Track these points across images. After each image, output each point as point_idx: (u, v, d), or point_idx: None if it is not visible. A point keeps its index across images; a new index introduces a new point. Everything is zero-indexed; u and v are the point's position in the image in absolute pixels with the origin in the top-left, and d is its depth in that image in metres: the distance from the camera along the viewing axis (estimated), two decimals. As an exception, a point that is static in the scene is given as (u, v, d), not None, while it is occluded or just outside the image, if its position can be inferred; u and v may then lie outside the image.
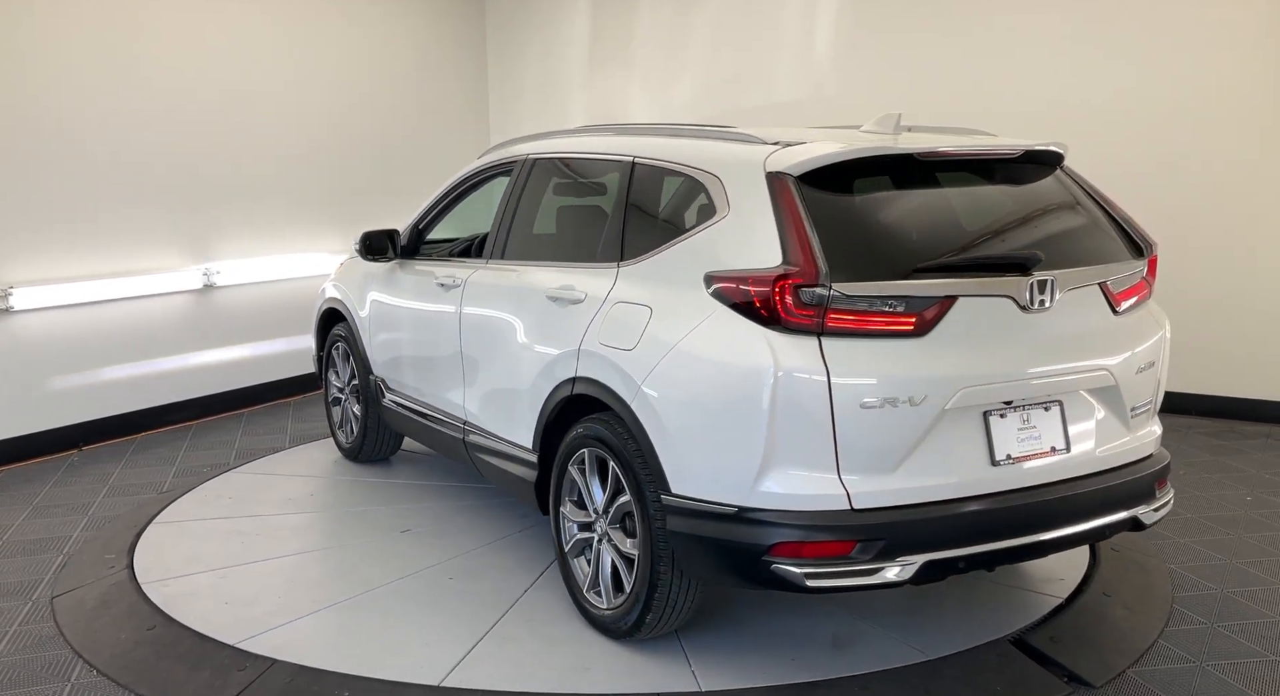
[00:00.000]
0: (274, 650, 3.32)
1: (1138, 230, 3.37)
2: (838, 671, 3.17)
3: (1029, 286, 2.96)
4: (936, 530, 2.86)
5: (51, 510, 4.81)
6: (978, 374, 2.90)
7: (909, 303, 2.84)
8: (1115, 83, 6.38)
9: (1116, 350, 3.16)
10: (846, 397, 2.76)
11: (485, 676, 3.18)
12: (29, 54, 5.47)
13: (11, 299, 5.41)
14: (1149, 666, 3.23)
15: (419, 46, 8.19)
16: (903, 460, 2.84)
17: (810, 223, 2.87)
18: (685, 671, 3.20)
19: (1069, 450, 3.07)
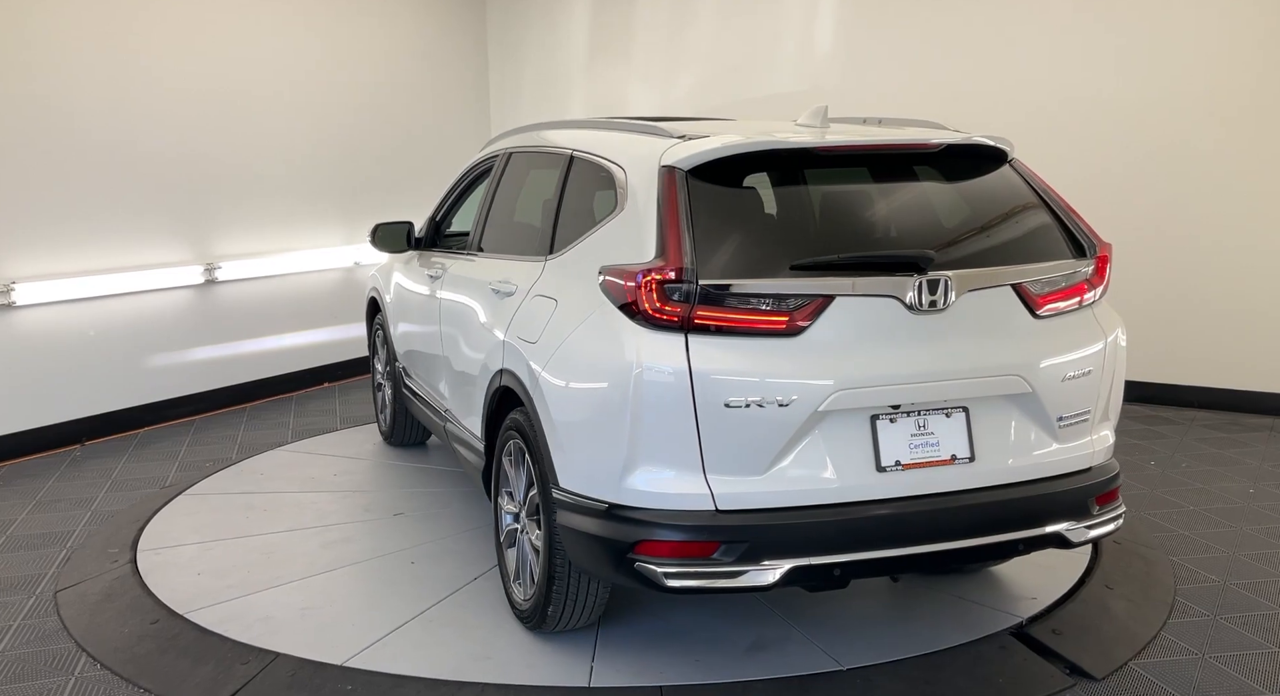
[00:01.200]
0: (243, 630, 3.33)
1: (1083, 230, 3.16)
2: (744, 674, 3.11)
3: (916, 287, 2.79)
4: (807, 535, 2.75)
5: (55, 505, 4.82)
6: (856, 377, 2.76)
7: (780, 301, 2.75)
8: (1123, 73, 6.36)
9: (1033, 355, 2.94)
10: (710, 397, 2.70)
11: (387, 658, 3.24)
12: (33, 48, 5.46)
13: (14, 294, 5.42)
14: (1151, 658, 3.23)
15: (421, 40, 8.18)
16: (774, 462, 2.75)
17: (687, 217, 2.82)
18: (584, 667, 3.19)
19: (973, 459, 2.88)
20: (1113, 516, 3.11)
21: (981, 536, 2.90)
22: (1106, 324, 3.16)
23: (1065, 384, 2.98)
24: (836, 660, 3.19)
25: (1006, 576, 3.83)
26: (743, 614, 3.51)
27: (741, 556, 2.72)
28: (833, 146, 3.07)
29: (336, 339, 7.50)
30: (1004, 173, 3.23)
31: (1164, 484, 5.00)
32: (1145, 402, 6.57)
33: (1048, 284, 3.02)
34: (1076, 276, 3.09)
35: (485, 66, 8.88)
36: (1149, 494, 4.85)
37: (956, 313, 2.86)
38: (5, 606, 3.70)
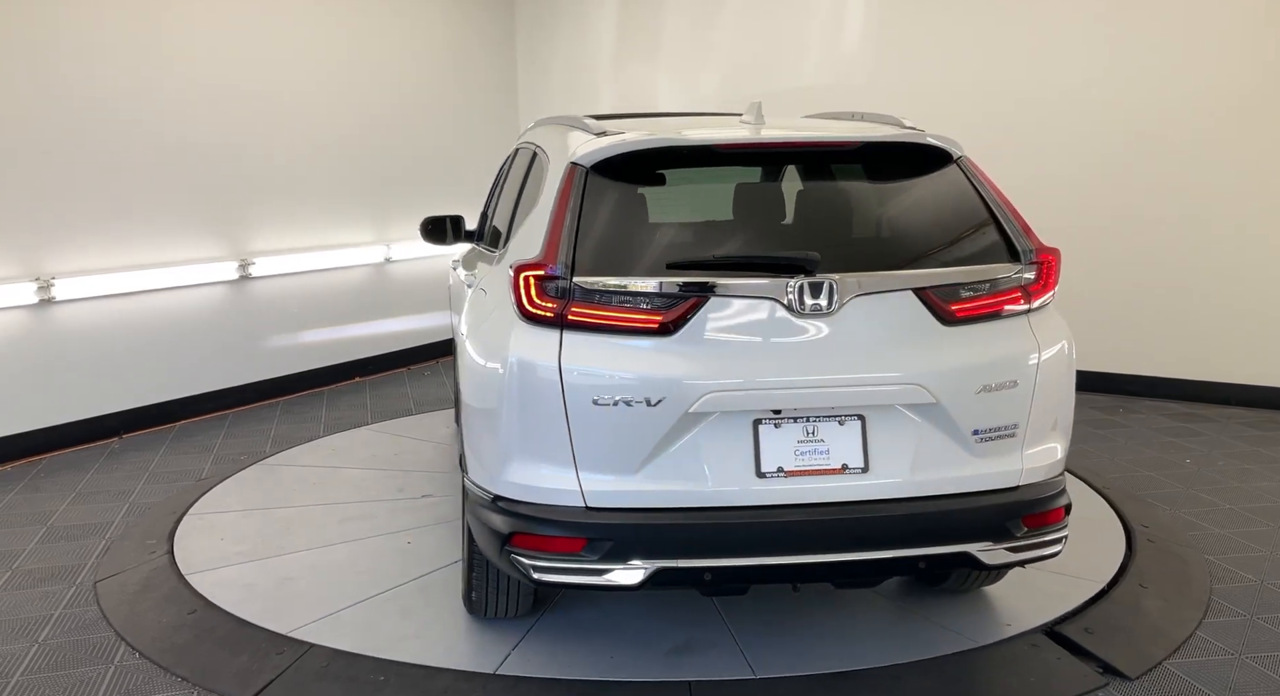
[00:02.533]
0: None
1: (1021, 235, 2.96)
2: (651, 675, 3.10)
3: (795, 289, 2.71)
4: (676, 537, 2.71)
5: (94, 497, 4.91)
6: (729, 379, 2.69)
7: (654, 300, 2.72)
8: (1153, 69, 6.27)
9: (937, 364, 2.76)
10: (579, 394, 2.70)
11: (324, 631, 3.40)
12: (69, 47, 5.55)
13: (54, 289, 5.52)
14: (1186, 658, 3.20)
15: (450, 37, 8.22)
16: (646, 462, 2.72)
17: (575, 214, 2.83)
18: (501, 654, 3.24)
19: (867, 469, 2.75)
20: (1045, 540, 2.86)
21: (873, 550, 2.75)
22: (1045, 334, 2.90)
23: (981, 396, 2.78)
24: (752, 667, 3.13)
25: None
26: (690, 614, 3.49)
27: (608, 555, 2.70)
28: (732, 144, 3.01)
29: (367, 334, 7.57)
30: (947, 173, 3.05)
31: (1200, 482, 4.94)
32: (1181, 400, 6.49)
33: (969, 289, 2.83)
34: (1005, 282, 2.87)
35: (514, 63, 8.91)
36: (1184, 492, 4.79)
37: (847, 317, 2.74)
38: (47, 596, 3.78)
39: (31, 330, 5.50)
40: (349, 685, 3.08)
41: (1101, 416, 6.21)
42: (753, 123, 3.24)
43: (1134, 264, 6.53)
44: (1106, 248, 6.60)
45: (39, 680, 3.15)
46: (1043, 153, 6.71)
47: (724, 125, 3.34)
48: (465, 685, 3.09)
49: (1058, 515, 2.90)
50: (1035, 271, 2.92)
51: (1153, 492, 4.78)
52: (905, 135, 3.08)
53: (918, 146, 3.05)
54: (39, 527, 4.49)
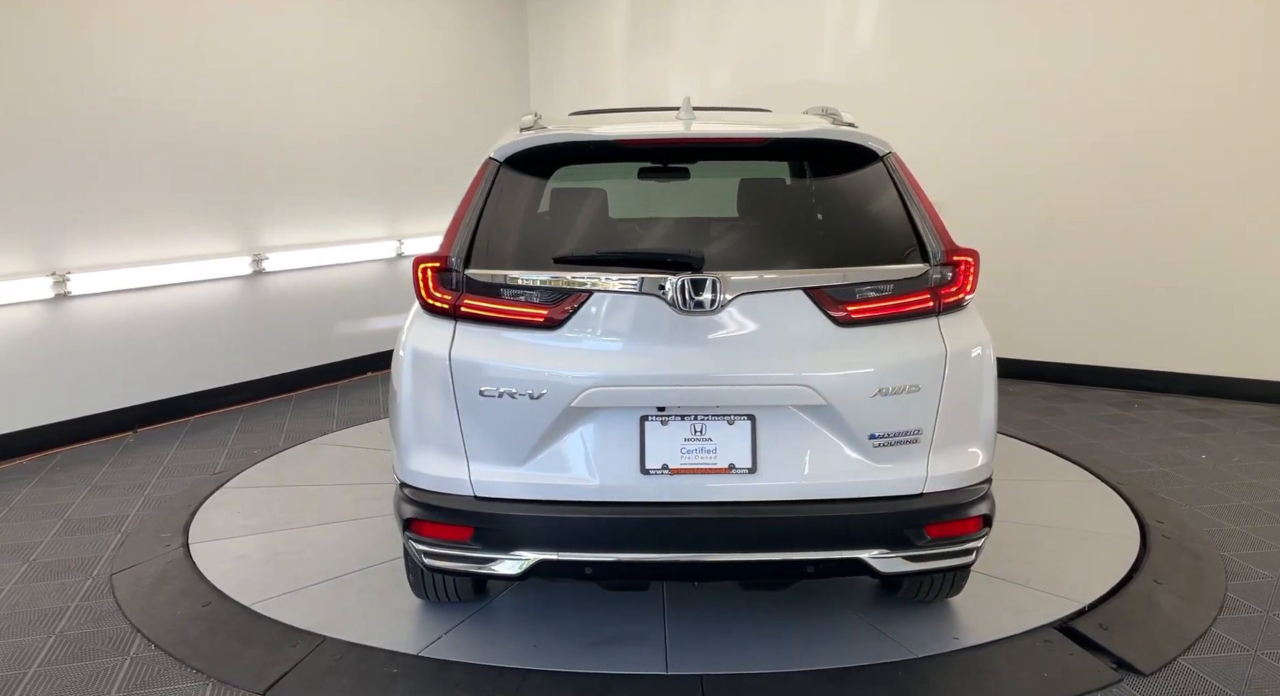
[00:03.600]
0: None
1: (934, 236, 2.87)
2: (562, 665, 3.14)
3: (678, 286, 2.69)
4: (558, 530, 2.74)
5: (110, 490, 4.94)
6: (611, 375, 2.70)
7: (541, 294, 2.76)
8: (1165, 64, 6.22)
9: (827, 366, 2.71)
10: (467, 384, 2.75)
11: (285, 606, 3.56)
12: (86, 45, 5.58)
13: (70, 284, 5.55)
14: (1202, 654, 3.18)
15: (462, 32, 8.23)
16: (532, 454, 2.76)
17: (478, 207, 2.90)
18: (431, 636, 3.33)
19: (755, 470, 2.73)
20: (951, 551, 2.78)
21: (758, 552, 2.73)
22: (956, 337, 2.80)
23: (878, 400, 2.72)
24: (667, 663, 3.13)
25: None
26: (633, 609, 3.49)
27: (493, 544, 2.76)
28: (635, 139, 3.00)
29: (379, 329, 7.60)
30: (870, 172, 2.97)
31: (1215, 478, 4.90)
32: (1197, 395, 6.44)
33: (869, 289, 2.76)
34: (909, 284, 2.79)
35: (526, 58, 8.91)
36: (1200, 488, 4.76)
37: (733, 315, 2.71)
38: (64, 588, 3.81)
39: (48, 325, 5.54)
40: (361, 678, 3.09)
41: (1117, 412, 6.17)
42: (681, 117, 3.22)
43: (1150, 259, 6.48)
44: (1122, 242, 6.56)
45: (56, 671, 3.17)
46: (1055, 147, 6.67)
47: (650, 120, 3.31)
48: (387, 663, 3.16)
49: (970, 525, 2.79)
50: (946, 273, 2.83)
51: (1168, 488, 4.75)
52: (818, 132, 2.98)
53: (836, 144, 2.97)
54: (56, 520, 4.53)
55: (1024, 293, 6.96)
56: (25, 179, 5.39)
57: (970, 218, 7.07)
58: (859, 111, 7.20)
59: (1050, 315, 6.91)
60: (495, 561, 2.77)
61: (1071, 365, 6.89)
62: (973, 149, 6.98)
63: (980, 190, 7.01)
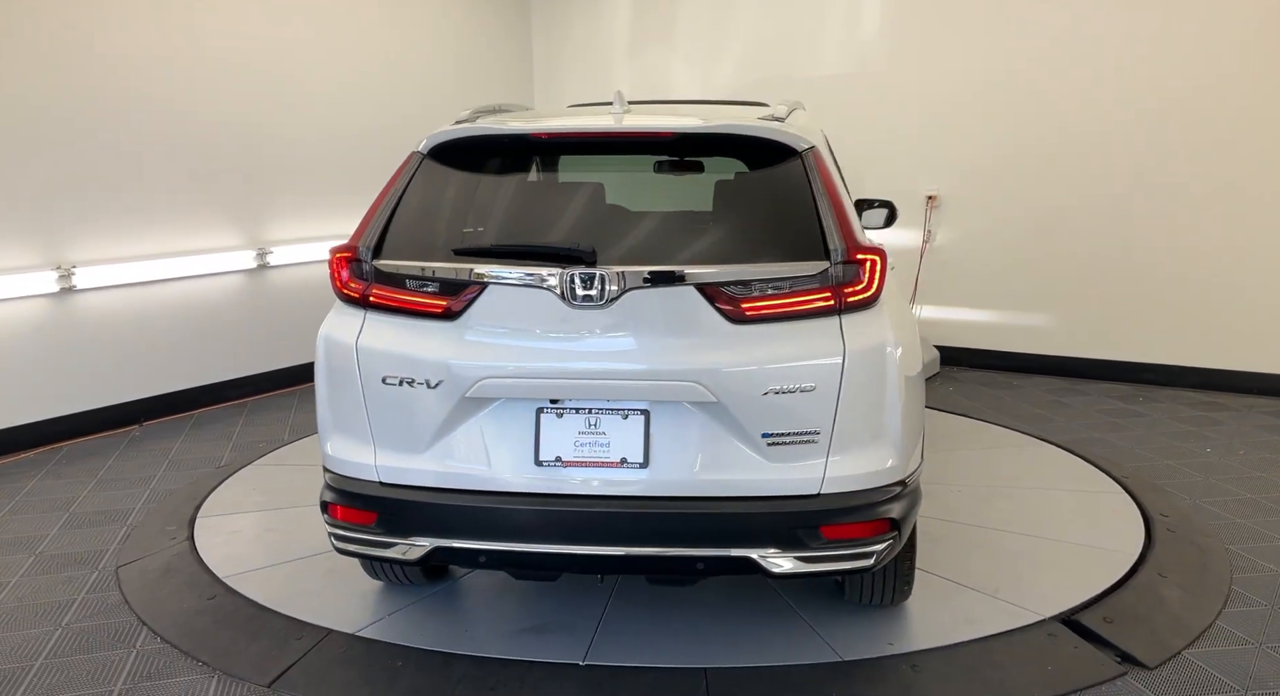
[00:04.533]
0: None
1: (837, 234, 2.76)
2: (483, 651, 3.20)
3: (567, 280, 2.69)
4: (453, 518, 2.78)
5: (115, 483, 4.96)
6: (503, 366, 2.73)
7: (440, 285, 2.80)
8: (1181, 55, 6.20)
9: (718, 363, 2.67)
10: (371, 372, 2.82)
11: (247, 581, 3.72)
12: (91, 39, 5.58)
13: (75, 278, 5.56)
14: (1206, 647, 3.18)
15: (466, 26, 8.21)
16: (432, 442, 2.80)
17: (395, 198, 2.97)
18: (372, 617, 3.44)
19: (646, 465, 2.72)
20: (847, 554, 2.71)
21: (648, 547, 2.72)
22: (858, 337, 2.72)
23: (770, 398, 2.67)
24: (587, 653, 3.16)
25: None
26: (575, 600, 3.52)
27: (393, 529, 2.83)
28: (546, 133, 3.02)
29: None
30: (785, 168, 2.89)
31: (1220, 471, 4.90)
32: (1201, 389, 6.43)
33: (765, 286, 2.71)
34: (807, 282, 2.71)
35: (529, 52, 8.89)
36: (1205, 481, 4.75)
37: (625, 310, 2.70)
38: (70, 580, 3.82)
39: (53, 318, 5.55)
40: (367, 670, 3.10)
41: (1121, 405, 6.17)
42: (617, 110, 3.23)
43: (1154, 251, 6.47)
44: (1125, 235, 6.54)
45: (63, 663, 3.19)
46: (1061, 139, 6.64)
47: (580, 115, 3.32)
48: (323, 640, 3.27)
49: (871, 529, 2.73)
50: (849, 272, 2.73)
51: (1173, 482, 4.74)
52: (726, 126, 2.94)
53: (747, 139, 2.93)
54: (61, 513, 4.54)
55: (1026, 285, 6.95)
56: (31, 173, 5.39)
57: (973, 209, 7.07)
58: (864, 102, 7.21)
59: (1053, 308, 6.90)
60: (394, 546, 2.83)
61: (1075, 358, 6.88)
62: (977, 140, 6.96)
63: (984, 181, 6.99)
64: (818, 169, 2.89)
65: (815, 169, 2.88)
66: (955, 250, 7.17)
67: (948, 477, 4.79)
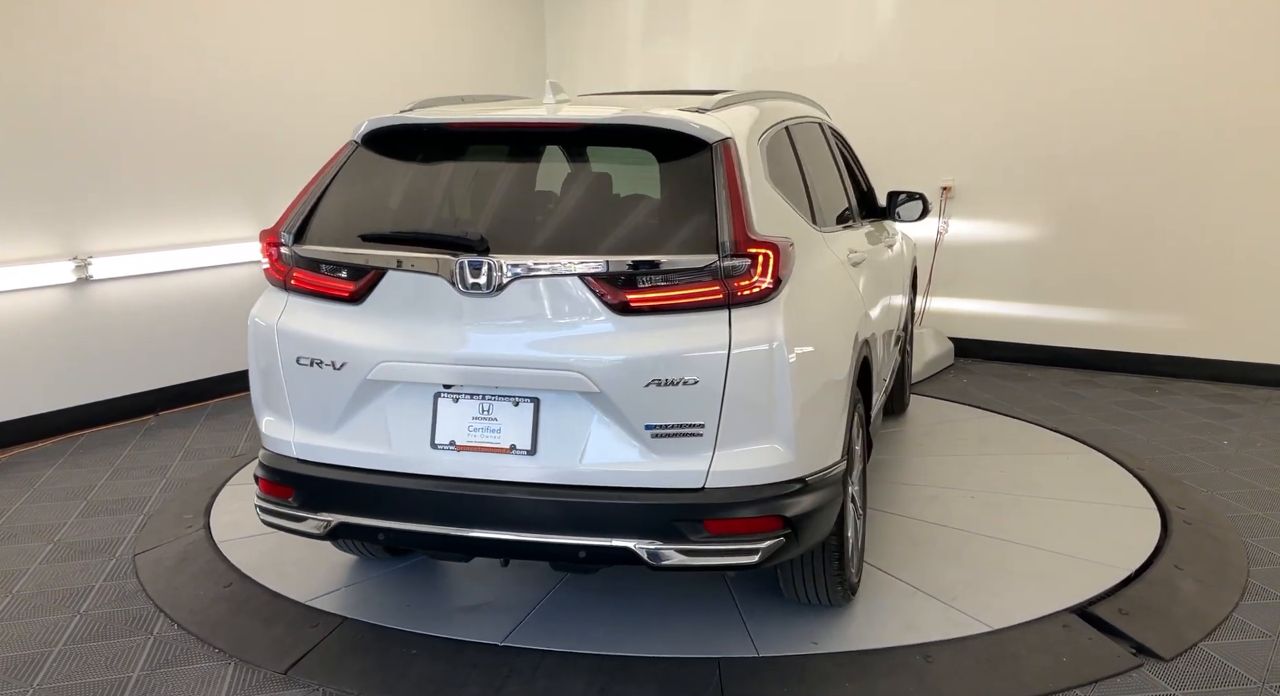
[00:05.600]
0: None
1: (729, 228, 2.69)
2: (420, 627, 3.30)
3: (457, 268, 2.72)
4: (356, 495, 2.89)
5: (132, 472, 4.99)
6: (400, 350, 2.80)
7: (348, 270, 2.89)
8: (1200, 43, 6.14)
9: (600, 353, 2.68)
10: (288, 353, 2.95)
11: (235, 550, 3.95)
12: (109, 34, 5.60)
13: (91, 268, 5.60)
14: (1223, 640, 3.16)
15: (479, 19, 8.20)
16: (340, 421, 2.92)
17: (323, 185, 3.09)
18: (327, 590, 3.57)
19: (533, 452, 2.76)
20: (731, 549, 2.68)
21: (531, 533, 2.75)
22: (747, 331, 2.67)
23: (653, 390, 2.65)
24: (509, 634, 3.25)
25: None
26: (530, 581, 3.60)
27: (305, 504, 2.96)
28: (459, 123, 3.06)
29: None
30: (696, 160, 2.84)
31: (1238, 464, 4.86)
32: (1219, 381, 6.38)
33: (652, 278, 2.67)
34: (694, 275, 2.67)
35: (543, 44, 8.87)
36: (1222, 474, 4.72)
37: (513, 299, 2.73)
38: (87, 568, 3.85)
39: (70, 308, 5.59)
40: (382, 657, 3.12)
41: (1137, 398, 6.13)
42: (550, 101, 3.23)
43: (1173, 243, 6.41)
44: (1145, 227, 6.49)
45: (81, 649, 3.22)
46: (1078, 130, 6.59)
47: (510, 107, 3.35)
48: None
49: (759, 525, 2.70)
50: (740, 265, 2.67)
51: (1189, 474, 4.71)
52: (632, 118, 2.91)
53: (654, 130, 2.88)
54: (79, 502, 4.58)
55: (1041, 277, 6.90)
56: (49, 165, 5.43)
57: (989, 199, 7.03)
58: (879, 91, 7.16)
59: (1068, 300, 6.85)
60: (306, 521, 2.96)
61: (1090, 350, 6.84)
62: (993, 130, 6.92)
63: (1000, 172, 6.95)
64: (724, 161, 2.83)
65: (723, 162, 2.83)
66: (970, 241, 7.13)
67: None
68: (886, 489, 4.51)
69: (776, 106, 3.56)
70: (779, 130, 3.41)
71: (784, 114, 3.58)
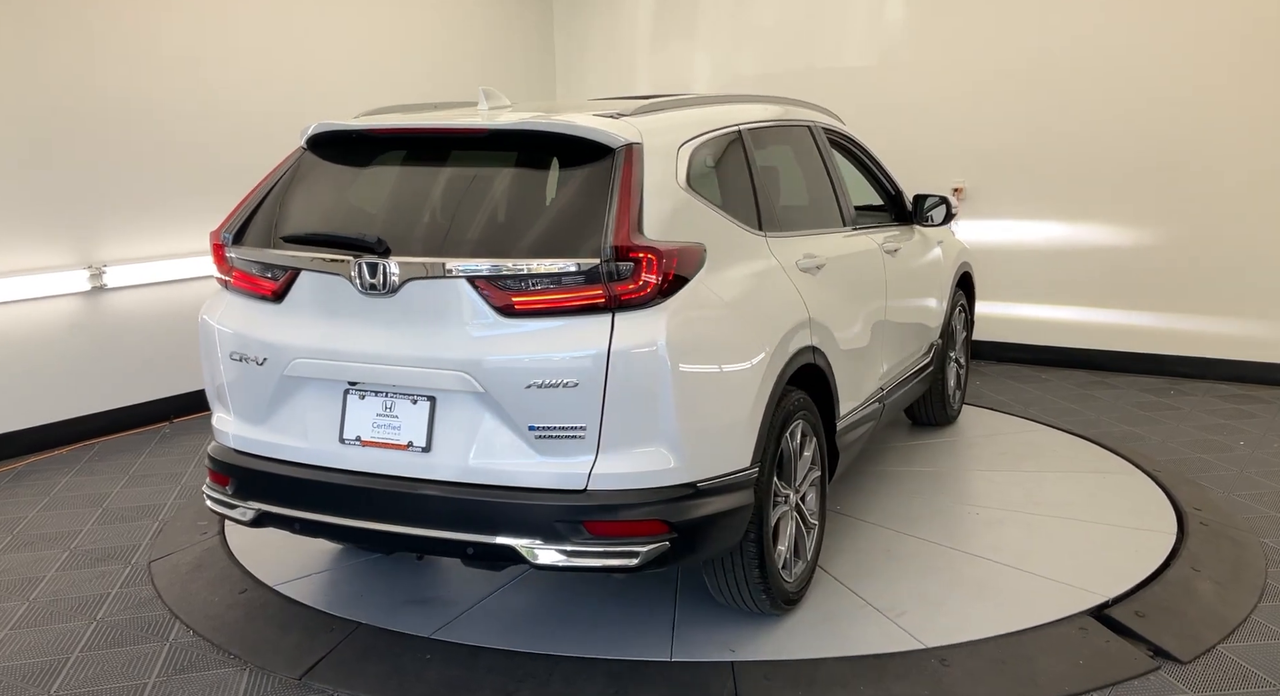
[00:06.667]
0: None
1: (610, 232, 2.70)
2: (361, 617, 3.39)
3: (356, 269, 2.83)
4: (274, 486, 3.05)
5: (147, 479, 5.02)
6: (311, 348, 2.96)
7: (271, 270, 3.06)
8: (1213, 36, 6.11)
9: (483, 354, 2.74)
10: (224, 349, 3.14)
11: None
12: (120, 43, 5.64)
13: (106, 277, 5.63)
14: (1241, 642, 3.13)
15: (488, 23, 8.23)
16: (267, 414, 3.08)
17: (265, 189, 3.26)
18: (289, 576, 3.72)
19: (428, 449, 2.83)
20: (612, 550, 2.71)
21: (424, 528, 2.85)
22: (628, 335, 2.68)
23: (533, 392, 2.70)
24: (434, 626, 3.33)
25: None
26: (484, 580, 3.66)
27: (237, 493, 3.14)
28: (378, 130, 3.17)
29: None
30: (599, 165, 2.85)
31: (1254, 464, 4.82)
32: (1236, 381, 6.34)
33: (537, 281, 2.71)
34: (576, 279, 2.69)
35: (551, 47, 8.90)
36: (1238, 474, 4.68)
37: (408, 300, 2.82)
38: (103, 575, 3.87)
39: (85, 317, 5.62)
40: (397, 662, 3.12)
41: (1152, 399, 6.09)
42: (485, 108, 3.31)
43: (1186, 244, 6.38)
44: (1158, 227, 6.46)
45: (97, 656, 3.23)
46: (1090, 130, 6.57)
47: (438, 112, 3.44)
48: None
49: (641, 528, 2.72)
50: (624, 269, 2.68)
51: (1205, 475, 4.68)
52: (535, 124, 2.95)
53: (556, 136, 2.92)
54: (95, 509, 4.61)
55: (1054, 278, 6.87)
56: (63, 174, 5.47)
57: (1001, 200, 7.00)
58: (888, 93, 7.15)
59: (1081, 301, 6.82)
60: (237, 508, 3.13)
61: (1103, 352, 6.80)
62: (1005, 131, 6.89)
63: (1012, 172, 6.92)
64: (623, 166, 2.83)
65: (620, 166, 2.83)
66: (982, 242, 7.11)
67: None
68: (898, 502, 4.49)
69: (722, 112, 3.48)
70: (719, 136, 3.35)
71: (733, 119, 3.49)
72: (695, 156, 3.15)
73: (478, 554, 2.82)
